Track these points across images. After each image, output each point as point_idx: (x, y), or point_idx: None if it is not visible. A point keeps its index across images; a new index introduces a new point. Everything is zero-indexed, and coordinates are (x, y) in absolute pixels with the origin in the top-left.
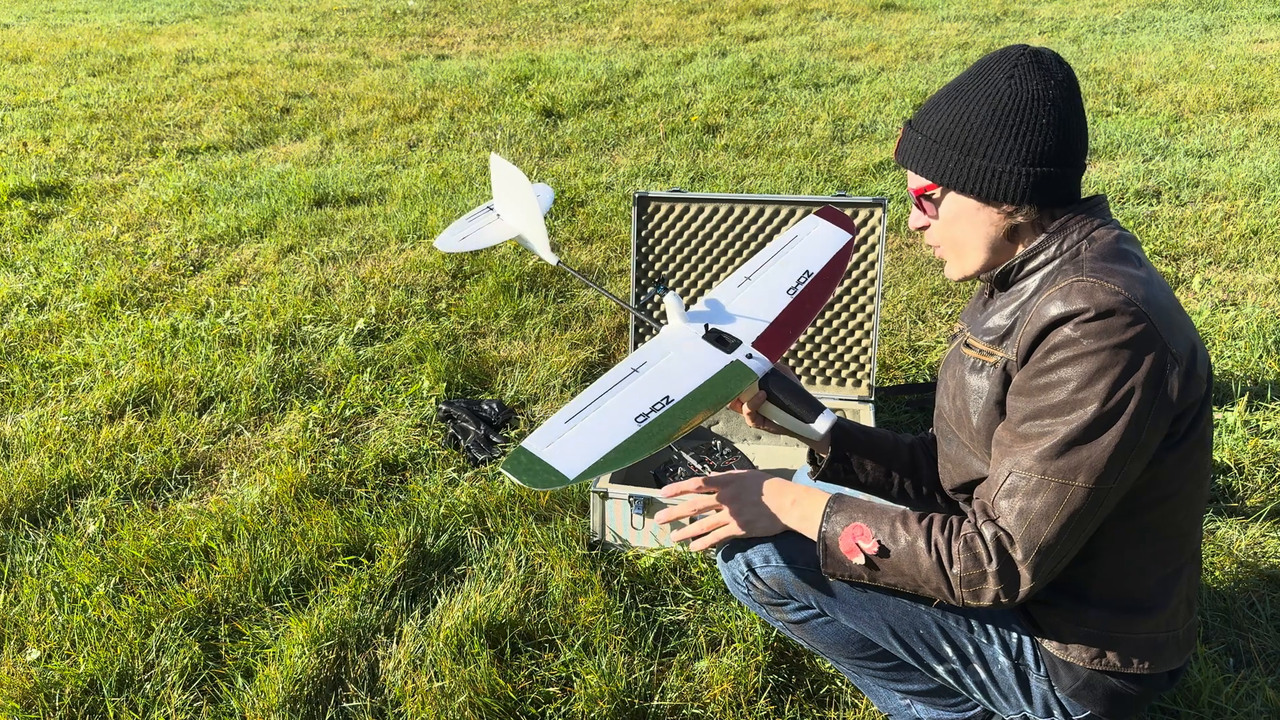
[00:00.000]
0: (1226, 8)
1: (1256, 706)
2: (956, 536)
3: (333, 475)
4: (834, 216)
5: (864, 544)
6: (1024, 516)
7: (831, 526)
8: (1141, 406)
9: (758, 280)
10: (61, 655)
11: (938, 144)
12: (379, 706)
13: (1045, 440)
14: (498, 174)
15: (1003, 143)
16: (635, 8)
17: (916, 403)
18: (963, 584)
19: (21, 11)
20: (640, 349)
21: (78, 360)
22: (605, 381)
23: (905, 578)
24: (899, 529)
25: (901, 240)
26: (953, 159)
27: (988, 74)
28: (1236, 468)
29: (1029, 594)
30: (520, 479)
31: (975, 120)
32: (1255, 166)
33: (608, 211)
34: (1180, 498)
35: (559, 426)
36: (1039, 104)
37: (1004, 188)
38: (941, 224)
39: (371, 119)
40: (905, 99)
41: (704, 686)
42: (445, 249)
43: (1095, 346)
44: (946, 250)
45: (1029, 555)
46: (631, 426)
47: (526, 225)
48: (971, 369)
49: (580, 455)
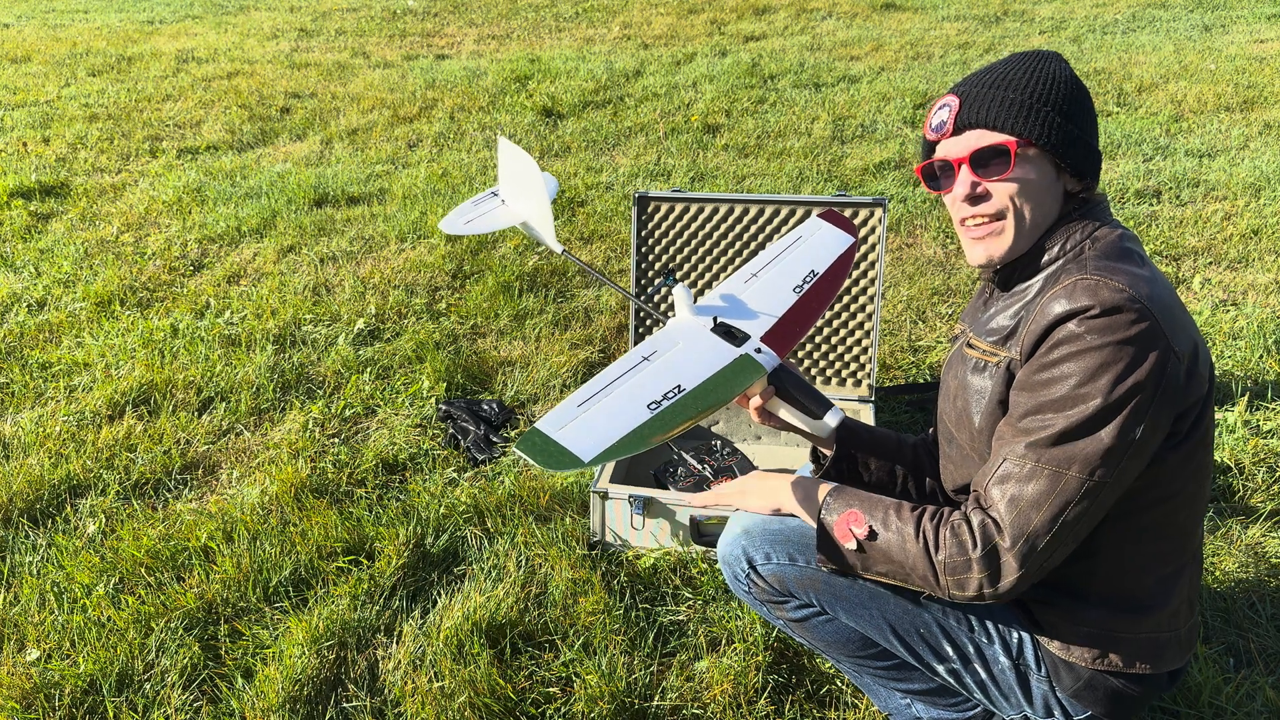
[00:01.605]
0: (1226, 8)
1: (1256, 706)
2: (944, 523)
3: (333, 475)
4: (836, 219)
5: (856, 529)
6: (1015, 504)
7: (829, 514)
8: (1142, 403)
9: (764, 277)
10: (61, 655)
11: (1038, 102)
12: (379, 706)
13: (1044, 432)
14: (505, 158)
15: (1088, 117)
16: (635, 8)
17: (917, 403)
18: (947, 570)
19: (21, 11)
20: (650, 338)
21: (78, 360)
22: (617, 368)
23: (894, 565)
24: (891, 515)
25: (901, 240)
26: (1054, 120)
27: (1040, 61)
28: (1237, 468)
29: (1014, 586)
30: (535, 459)
31: (1065, 90)
32: (1255, 166)
33: (608, 211)
34: (1182, 497)
35: (571, 410)
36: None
37: (1090, 159)
38: (1015, 188)
39: (371, 119)
40: (905, 99)
41: (704, 686)
42: (449, 231)
43: (1099, 342)
44: (1006, 222)
45: (1016, 543)
46: (644, 413)
47: (533, 212)
48: (974, 370)
49: (594, 439)
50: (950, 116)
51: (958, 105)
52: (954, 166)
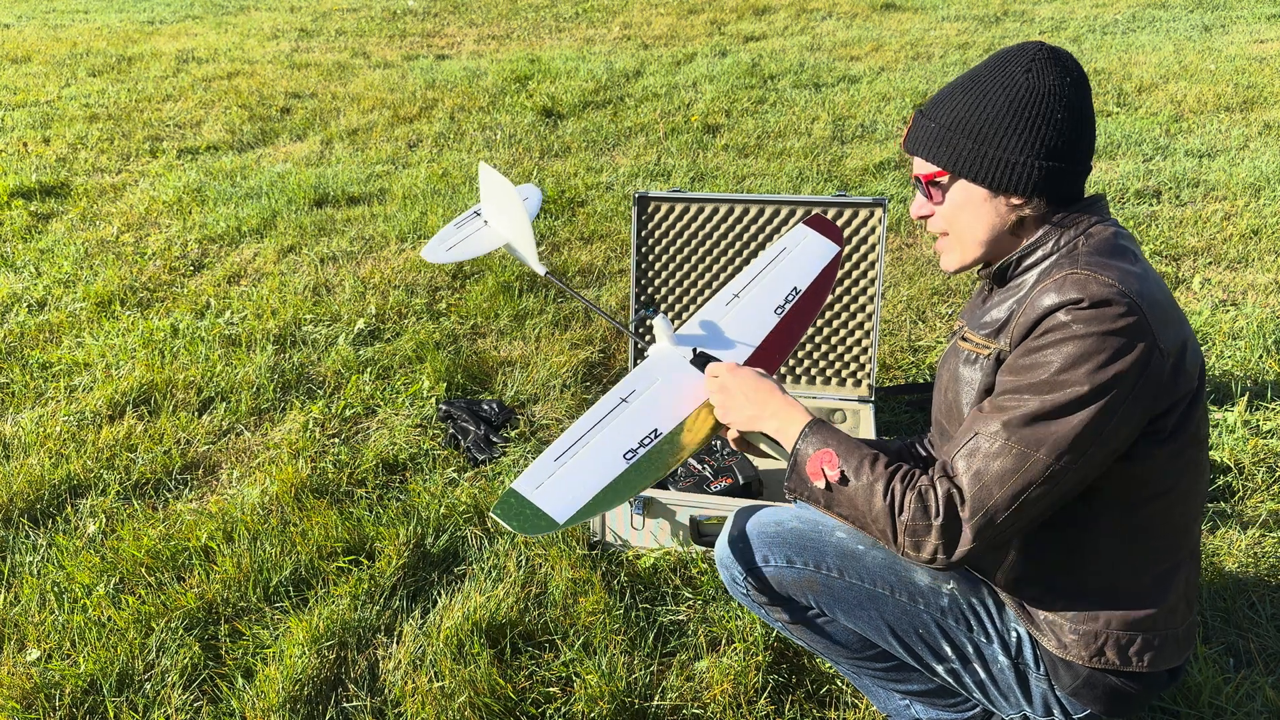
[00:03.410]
0: (1226, 8)
1: (1256, 706)
2: (912, 487)
3: (333, 475)
4: (823, 226)
5: (829, 470)
6: (979, 478)
7: (805, 446)
8: (1120, 395)
9: (746, 298)
10: (61, 655)
11: (952, 131)
12: (379, 706)
13: (1017, 410)
14: (486, 182)
15: (1018, 134)
16: (635, 8)
17: (916, 403)
18: (907, 532)
19: (21, 11)
20: (629, 376)
21: (78, 360)
22: (595, 413)
23: (858, 512)
24: (865, 466)
25: (901, 240)
26: (967, 147)
27: (1005, 66)
28: (1236, 468)
29: (965, 556)
30: (511, 524)
31: (991, 110)
32: (1255, 166)
33: (608, 211)
34: (1176, 494)
35: (548, 465)
36: (1055, 99)
37: (1016, 179)
38: (947, 211)
39: (371, 119)
40: (905, 99)
41: (704, 686)
42: (433, 259)
43: (1084, 332)
44: (950, 239)
45: (974, 515)
46: (621, 464)
47: (515, 234)
48: (965, 361)
49: (570, 497)
50: (904, 139)
51: (907, 130)
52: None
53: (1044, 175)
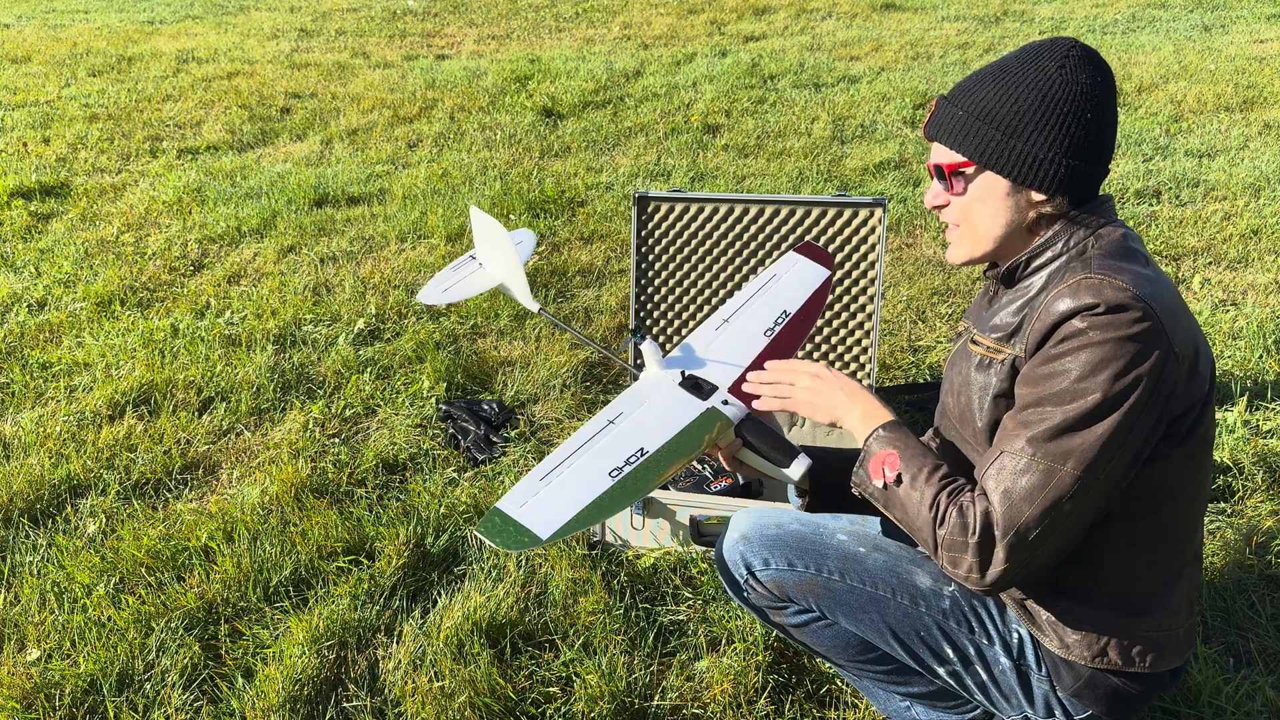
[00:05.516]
0: (1226, 8)
1: (1256, 706)
2: (955, 502)
3: (333, 475)
4: (813, 253)
5: (889, 471)
6: (1008, 496)
7: (875, 444)
8: (1140, 400)
9: (735, 322)
10: (61, 655)
11: (980, 121)
12: (379, 706)
13: (1042, 425)
14: (478, 225)
15: (1048, 130)
16: (635, 8)
17: (916, 403)
18: (945, 546)
19: (21, 11)
20: (617, 399)
21: (78, 360)
22: (582, 435)
23: (908, 517)
24: (921, 474)
25: (901, 240)
26: (995, 139)
27: (1038, 60)
28: (1236, 468)
29: (1001, 579)
30: (494, 542)
31: (1023, 103)
32: (1255, 166)
33: (608, 211)
34: (1183, 499)
35: (533, 484)
36: (1086, 99)
37: (1042, 175)
38: (965, 203)
39: (371, 119)
40: (905, 99)
41: (704, 686)
42: (428, 302)
43: (1101, 338)
44: (963, 230)
45: (1006, 535)
46: (605, 482)
47: (508, 274)
48: (978, 366)
49: (554, 514)
50: (925, 124)
51: (929, 115)
52: (930, 172)
53: (1070, 174)
